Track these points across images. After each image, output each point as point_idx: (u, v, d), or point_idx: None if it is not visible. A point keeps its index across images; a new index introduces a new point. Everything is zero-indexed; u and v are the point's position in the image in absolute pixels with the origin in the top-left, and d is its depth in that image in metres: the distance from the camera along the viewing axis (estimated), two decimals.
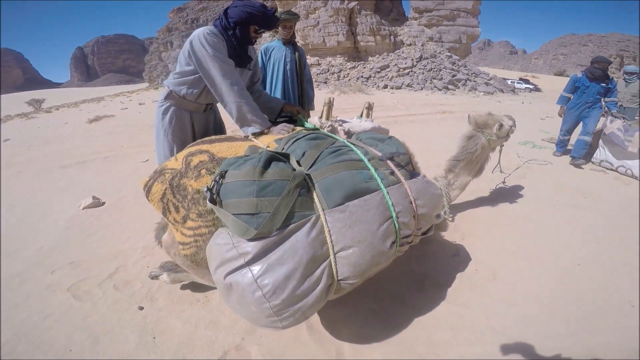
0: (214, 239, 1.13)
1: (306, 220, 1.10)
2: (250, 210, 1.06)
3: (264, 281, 0.98)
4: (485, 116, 2.43)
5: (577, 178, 3.88)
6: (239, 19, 1.69)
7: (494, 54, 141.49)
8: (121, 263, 2.20)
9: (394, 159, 1.41)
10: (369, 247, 1.15)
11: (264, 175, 1.10)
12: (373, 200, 1.20)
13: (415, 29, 25.20)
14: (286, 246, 1.04)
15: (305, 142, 1.37)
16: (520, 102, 15.45)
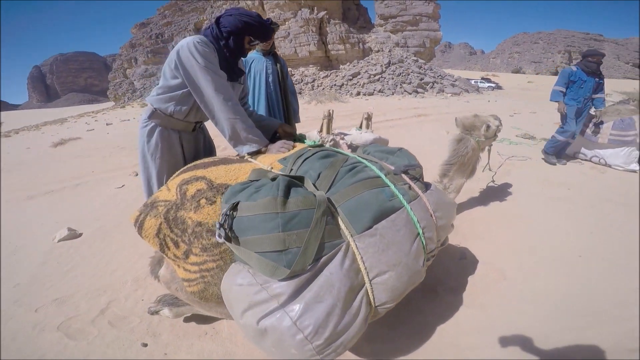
0: (232, 279, 1.02)
1: (337, 249, 1.02)
2: (277, 247, 0.95)
3: (304, 322, 0.90)
4: (471, 118, 2.47)
5: (557, 171, 4.07)
6: (234, 28, 1.54)
7: (455, 55, 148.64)
8: (112, 297, 2.02)
9: (409, 172, 1.36)
10: (405, 269, 1.09)
11: (287, 206, 1.00)
12: (400, 220, 1.15)
13: (381, 35, 25.96)
14: (321, 281, 0.96)
15: (319, 162, 1.27)
16: (487, 101, 16.21)
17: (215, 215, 1.16)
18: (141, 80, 39.94)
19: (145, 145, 1.69)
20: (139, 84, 39.74)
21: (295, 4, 23.51)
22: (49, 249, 2.82)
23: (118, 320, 1.80)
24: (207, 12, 35.62)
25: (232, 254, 1.14)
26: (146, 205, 1.28)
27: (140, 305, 1.90)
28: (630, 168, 3.99)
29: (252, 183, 1.15)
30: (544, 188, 3.47)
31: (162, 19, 45.06)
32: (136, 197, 3.98)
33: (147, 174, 1.75)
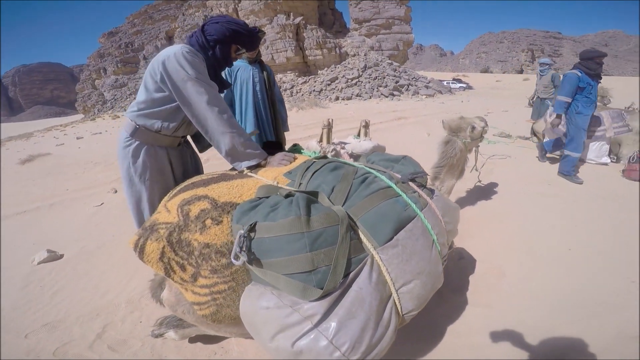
0: (256, 303, 0.99)
1: (363, 264, 1.02)
2: (306, 268, 0.94)
3: (340, 340, 0.89)
4: (457, 120, 2.55)
5: (536, 167, 4.28)
6: (222, 36, 1.47)
7: (427, 57, 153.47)
8: (107, 321, 1.93)
9: (416, 179, 1.38)
10: (428, 277, 1.11)
11: (311, 225, 0.97)
12: (416, 228, 1.16)
13: (357, 39, 26.44)
14: (351, 297, 0.95)
15: (331, 175, 1.26)
16: (460, 101, 16.82)
17: (223, 235, 1.12)
18: (111, 91, 38.51)
19: (132, 167, 1.54)
20: (109, 94, 38.30)
21: (271, 10, 23.53)
22: (29, 272, 2.66)
23: (118, 345, 1.72)
24: (179, 20, 34.94)
25: (244, 274, 1.10)
26: (145, 228, 1.22)
27: (140, 328, 1.83)
28: (601, 161, 4.25)
29: (262, 200, 1.12)
30: (526, 184, 3.63)
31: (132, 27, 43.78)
32: (117, 215, 3.82)
33: (135, 198, 1.61)
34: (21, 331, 1.87)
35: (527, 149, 5.21)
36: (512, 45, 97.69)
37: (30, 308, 2.12)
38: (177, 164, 1.70)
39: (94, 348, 1.70)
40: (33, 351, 1.71)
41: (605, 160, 4.25)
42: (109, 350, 1.68)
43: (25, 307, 2.13)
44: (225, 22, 1.48)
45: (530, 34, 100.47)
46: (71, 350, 1.71)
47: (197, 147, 1.93)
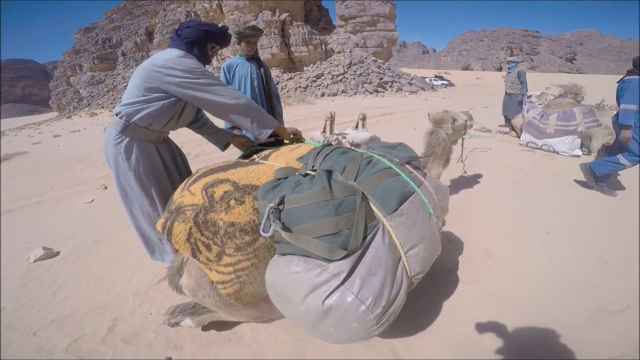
0: (286, 270, 1.09)
1: (377, 229, 1.16)
2: (332, 230, 1.07)
3: (365, 294, 1.01)
4: (441, 113, 2.75)
5: (515, 159, 4.54)
6: (196, 37, 1.64)
7: (410, 54, 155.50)
8: (116, 314, 1.96)
9: (411, 163, 1.55)
10: (430, 242, 1.27)
11: (334, 194, 1.12)
12: (416, 201, 1.32)
13: (342, 36, 26.56)
14: (370, 256, 1.09)
15: (342, 157, 1.41)
16: (442, 98, 17.25)
17: (246, 214, 1.22)
18: (87, 88, 37.14)
19: (125, 164, 1.63)
20: (86, 92, 36.93)
21: (256, 6, 23.27)
22: (25, 270, 2.64)
23: (131, 337, 1.75)
24: (159, 16, 33.99)
25: (265, 251, 1.21)
26: (171, 211, 1.29)
27: (150, 319, 1.87)
28: (574, 154, 4.57)
29: (282, 180, 1.24)
30: (506, 174, 3.87)
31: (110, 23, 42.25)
32: (111, 211, 3.82)
33: (133, 196, 1.71)
34: (28, 329, 1.87)
35: (506, 143, 5.50)
36: (492, 44, 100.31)
37: (33, 306, 2.11)
38: (167, 156, 1.82)
39: (107, 342, 1.72)
40: (44, 348, 1.71)
41: (577, 152, 4.57)
42: (122, 344, 1.70)
43: (29, 305, 2.12)
44: (196, 25, 1.66)
45: (509, 33, 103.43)
46: (84, 345, 1.72)
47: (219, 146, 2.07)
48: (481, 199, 3.22)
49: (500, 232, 2.57)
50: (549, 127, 4.75)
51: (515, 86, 6.60)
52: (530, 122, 5.01)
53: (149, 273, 2.34)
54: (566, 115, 4.65)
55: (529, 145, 5.10)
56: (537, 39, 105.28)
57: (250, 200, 1.25)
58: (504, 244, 2.40)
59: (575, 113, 4.60)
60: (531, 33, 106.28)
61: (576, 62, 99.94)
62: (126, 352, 1.65)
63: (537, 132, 4.92)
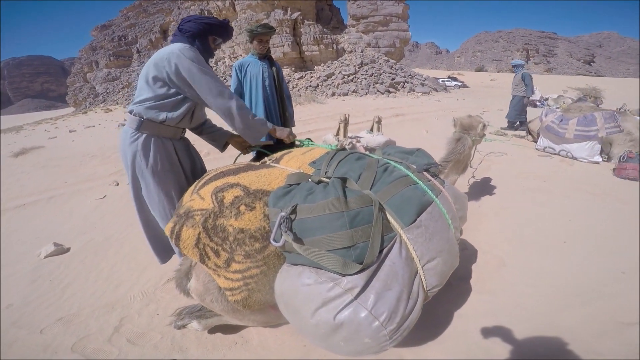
0: (296, 281, 1.06)
1: (393, 241, 1.11)
2: (346, 243, 1.02)
3: (379, 310, 0.97)
4: (468, 119, 2.65)
5: (531, 164, 4.40)
6: (197, 31, 1.65)
7: (422, 55, 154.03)
8: (123, 314, 1.96)
9: (429, 170, 1.48)
10: (448, 255, 1.22)
11: (349, 205, 1.06)
12: (435, 212, 1.26)
13: (354, 35, 26.40)
14: (386, 270, 1.04)
15: (357, 164, 1.36)
16: (455, 100, 16.96)
17: (256, 221, 1.18)
18: (103, 85, 37.91)
19: (142, 160, 1.61)
20: (101, 88, 37.71)
21: (268, 4, 23.34)
22: (36, 266, 2.67)
23: (137, 338, 1.74)
24: (174, 14, 34.44)
25: (275, 258, 1.17)
26: (179, 215, 1.26)
27: (157, 320, 1.86)
28: (593, 160, 4.40)
29: (294, 187, 1.19)
30: (522, 181, 3.75)
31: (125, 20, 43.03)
32: (122, 208, 3.84)
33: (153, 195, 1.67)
34: (35, 326, 1.87)
35: (522, 147, 5.34)
36: (508, 45, 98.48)
37: (42, 303, 2.12)
38: (183, 155, 1.80)
39: (113, 341, 1.71)
40: (50, 347, 1.71)
41: (597, 159, 4.40)
42: (128, 344, 1.69)
43: (37, 302, 2.13)
44: (196, 19, 1.66)
45: (525, 34, 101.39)
46: (89, 344, 1.71)
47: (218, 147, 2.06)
48: (496, 205, 3.12)
49: (516, 240, 2.49)
50: (568, 132, 4.59)
51: (519, 88, 6.70)
52: (549, 126, 4.84)
53: (157, 273, 2.33)
54: (587, 120, 4.48)
55: (546, 150, 4.94)
56: (554, 40, 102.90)
57: (261, 206, 1.21)
58: (519, 252, 2.32)
59: (596, 118, 4.43)
60: (548, 34, 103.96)
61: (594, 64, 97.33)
62: (131, 353, 1.65)
63: (555, 137, 4.75)
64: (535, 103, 11.56)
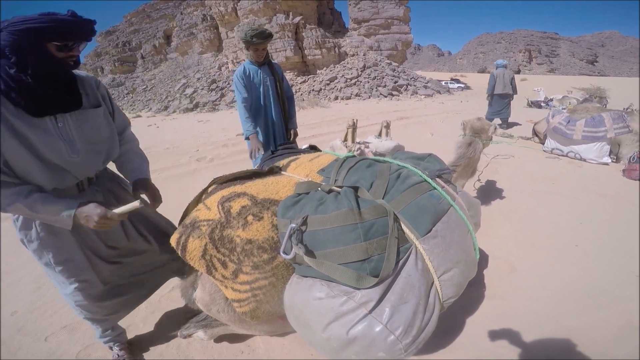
0: (307, 294, 1.02)
1: (409, 252, 1.07)
2: (361, 256, 0.98)
3: (395, 324, 0.94)
4: (478, 122, 2.60)
5: (540, 167, 4.34)
6: (15, 42, 1.02)
7: (424, 57, 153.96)
8: (128, 322, 1.93)
9: (442, 176, 1.44)
10: (466, 265, 1.18)
11: (363, 216, 1.02)
12: (452, 220, 1.22)
13: (356, 39, 26.45)
14: (401, 283, 1.00)
15: (368, 171, 1.32)
16: (459, 102, 16.87)
17: (264, 231, 1.15)
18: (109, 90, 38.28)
19: (27, 245, 1.24)
20: None
21: (270, 9, 23.48)
22: (41, 273, 2.65)
23: (142, 346, 1.73)
24: (177, 19, 34.81)
25: (284, 269, 1.14)
26: (185, 226, 1.23)
27: (162, 329, 1.84)
28: (602, 161, 4.33)
29: (303, 196, 1.15)
30: (530, 183, 3.70)
31: (129, 26, 43.54)
32: None
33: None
34: (40, 334, 1.86)
35: (529, 149, 5.28)
36: (510, 46, 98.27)
37: (47, 310, 2.11)
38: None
39: None
40: (55, 354, 1.70)
41: (606, 160, 4.33)
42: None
43: (42, 309, 2.12)
44: (8, 26, 1.02)
45: (527, 35, 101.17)
46: (94, 353, 1.70)
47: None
48: (505, 208, 3.07)
49: (526, 244, 2.44)
50: (576, 133, 4.52)
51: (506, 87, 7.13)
52: (556, 127, 4.78)
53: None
54: (594, 121, 4.42)
55: (553, 152, 4.87)
56: (556, 40, 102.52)
57: (269, 216, 1.18)
58: (529, 256, 2.28)
59: (604, 118, 4.37)
60: (550, 35, 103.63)
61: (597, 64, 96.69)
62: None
63: (563, 138, 4.69)
64: (540, 104, 11.46)
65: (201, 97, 21.87)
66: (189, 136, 8.19)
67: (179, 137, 8.38)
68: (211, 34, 29.18)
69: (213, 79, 23.87)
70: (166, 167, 5.28)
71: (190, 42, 31.79)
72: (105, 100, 1.30)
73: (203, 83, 23.66)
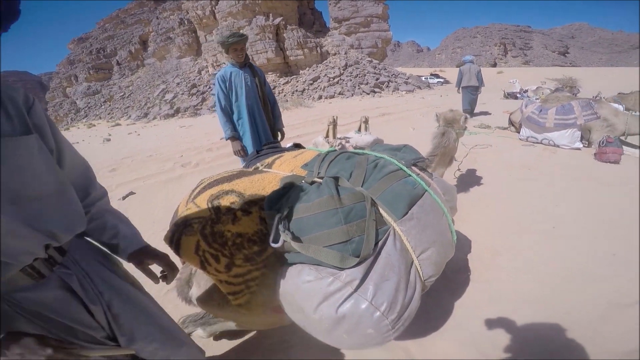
0: (297, 279, 1.08)
1: (387, 234, 1.15)
2: (342, 238, 1.05)
3: (379, 300, 1.00)
4: (452, 112, 2.74)
5: (516, 154, 4.53)
6: None
7: (404, 54, 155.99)
8: None
9: (417, 164, 1.54)
10: (442, 245, 1.26)
11: (343, 201, 1.10)
12: (426, 204, 1.31)
13: (337, 38, 26.65)
14: (382, 262, 1.08)
15: (347, 163, 1.40)
16: (439, 96, 17.26)
17: (253, 224, 1.20)
18: (84, 99, 37.13)
19: None
20: (82, 102, 36.92)
21: (249, 11, 23.35)
22: None
23: None
24: (153, 24, 34.08)
25: (275, 260, 1.20)
26: (177, 224, 1.26)
27: None
28: (575, 146, 4.57)
29: (290, 189, 1.22)
30: (508, 171, 3.87)
31: (103, 32, 42.30)
32: None
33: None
34: None
35: (506, 138, 5.50)
36: (485, 40, 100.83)
37: None
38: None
39: None
40: None
41: (578, 145, 4.57)
42: None
43: None
44: None
45: (502, 29, 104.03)
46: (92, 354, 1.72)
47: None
48: (485, 195, 3.22)
49: (507, 228, 2.57)
50: (548, 121, 4.76)
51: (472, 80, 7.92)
52: (529, 116, 5.02)
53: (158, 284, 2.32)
54: (564, 109, 4.66)
55: (529, 140, 5.10)
56: (529, 33, 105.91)
57: (257, 210, 1.23)
58: (510, 240, 2.40)
59: (573, 107, 4.62)
60: (523, 28, 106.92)
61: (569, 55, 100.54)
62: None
63: (536, 126, 4.92)
64: (516, 95, 11.88)
65: (182, 102, 21.53)
66: (172, 142, 8.10)
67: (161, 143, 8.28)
68: (189, 38, 28.74)
69: (193, 83, 23.53)
70: (151, 174, 5.22)
71: (168, 47, 31.17)
72: (42, 130, 0.79)
73: (183, 88, 23.30)
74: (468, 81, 8.07)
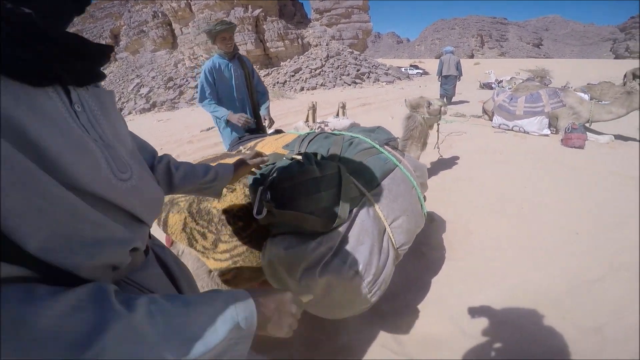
0: (279, 249, 1.13)
1: (362, 202, 1.23)
2: (320, 204, 1.12)
3: (354, 262, 1.08)
4: (417, 99, 2.88)
5: (489, 140, 4.75)
6: None
7: (384, 45, 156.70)
8: None
9: (390, 143, 1.66)
10: (413, 214, 1.36)
11: (320, 171, 1.16)
12: (397, 177, 1.41)
13: (318, 29, 26.41)
14: (357, 227, 1.16)
15: (325, 141, 1.50)
16: (418, 86, 17.56)
17: (237, 201, 1.26)
18: None
19: None
20: None
21: (227, 3, 22.71)
22: None
23: None
24: (124, 17, 32.64)
25: (259, 235, 1.26)
26: (165, 204, 1.31)
27: None
28: (543, 133, 4.83)
29: (272, 165, 1.27)
30: (482, 155, 4.06)
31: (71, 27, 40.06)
32: None
33: None
34: None
35: (479, 126, 5.73)
36: (463, 31, 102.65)
37: None
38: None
39: None
40: None
41: (546, 132, 4.83)
42: None
43: None
44: None
45: (479, 20, 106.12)
46: None
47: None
48: (459, 178, 3.38)
49: (479, 209, 2.72)
50: (518, 109, 5.00)
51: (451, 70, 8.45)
52: (501, 105, 5.25)
53: None
54: (533, 97, 4.91)
55: (501, 127, 5.34)
56: (505, 25, 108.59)
57: (241, 187, 1.29)
58: (483, 220, 2.55)
59: (541, 95, 4.86)
60: (499, 20, 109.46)
61: (543, 47, 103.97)
62: None
63: (507, 114, 5.15)
64: (491, 85, 12.26)
65: (158, 96, 20.87)
66: (151, 136, 7.89)
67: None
68: (164, 31, 27.72)
69: (169, 76, 22.83)
70: None
71: (141, 40, 30.01)
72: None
73: (159, 81, 22.56)
74: (447, 70, 8.53)
